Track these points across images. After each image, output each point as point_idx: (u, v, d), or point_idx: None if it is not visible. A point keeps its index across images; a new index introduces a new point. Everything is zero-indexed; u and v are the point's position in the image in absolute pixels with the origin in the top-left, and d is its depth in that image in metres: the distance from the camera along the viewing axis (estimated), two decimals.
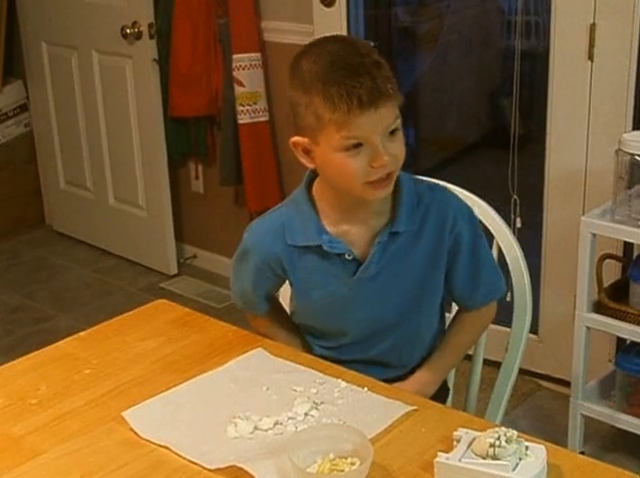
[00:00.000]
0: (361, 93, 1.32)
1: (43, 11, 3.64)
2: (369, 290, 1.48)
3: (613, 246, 2.34)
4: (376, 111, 1.32)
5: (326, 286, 1.49)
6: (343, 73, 1.34)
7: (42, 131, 3.90)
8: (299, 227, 1.47)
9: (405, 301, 1.50)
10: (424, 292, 1.51)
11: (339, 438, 1.19)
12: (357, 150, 1.35)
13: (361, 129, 1.33)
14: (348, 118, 1.32)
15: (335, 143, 1.35)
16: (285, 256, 1.48)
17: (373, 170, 1.36)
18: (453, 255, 1.49)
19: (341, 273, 1.47)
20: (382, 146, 1.35)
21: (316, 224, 1.45)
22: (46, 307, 3.35)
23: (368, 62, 1.35)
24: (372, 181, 1.37)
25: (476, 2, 4.32)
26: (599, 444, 2.40)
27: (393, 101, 1.35)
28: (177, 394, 1.38)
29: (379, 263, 1.46)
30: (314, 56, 1.38)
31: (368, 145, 1.35)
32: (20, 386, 1.44)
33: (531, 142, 3.05)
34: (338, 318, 1.53)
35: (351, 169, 1.36)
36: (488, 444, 1.12)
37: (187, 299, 3.24)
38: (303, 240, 1.46)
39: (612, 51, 2.34)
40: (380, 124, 1.34)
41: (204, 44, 3.14)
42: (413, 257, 1.47)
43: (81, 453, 1.26)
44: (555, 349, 2.64)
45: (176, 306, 1.70)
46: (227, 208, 3.41)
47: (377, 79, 1.34)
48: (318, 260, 1.47)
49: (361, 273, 1.46)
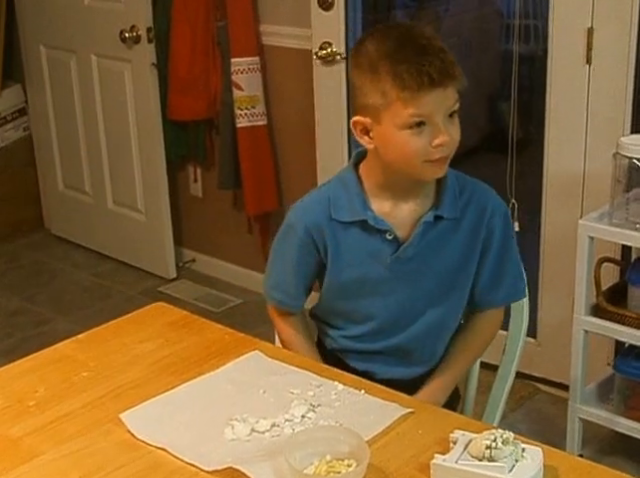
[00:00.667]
0: (431, 71, 1.37)
1: (42, 15, 3.65)
2: (403, 272, 1.50)
3: (611, 249, 2.34)
4: (444, 90, 1.38)
5: (363, 264, 1.51)
6: (412, 52, 1.39)
7: (41, 135, 3.91)
8: (345, 203, 1.50)
9: (436, 288, 1.53)
10: (456, 281, 1.53)
11: (336, 440, 1.19)
12: (420, 129, 1.39)
13: (427, 107, 1.38)
14: (417, 95, 1.37)
15: (400, 120, 1.39)
16: (328, 230, 1.51)
17: (433, 149, 1.40)
18: (484, 249, 1.52)
19: (380, 252, 1.50)
20: (444, 126, 1.40)
21: (362, 200, 1.49)
22: (45, 310, 3.35)
23: (435, 44, 1.41)
24: (431, 160, 1.41)
25: (474, 6, 4.33)
26: (597, 448, 2.40)
27: (458, 84, 1.41)
28: (174, 396, 1.38)
29: (418, 245, 1.49)
30: (381, 37, 1.43)
31: (430, 124, 1.39)
32: (18, 388, 1.44)
33: (529, 146, 3.05)
34: (368, 301, 1.54)
35: (413, 147, 1.40)
36: (484, 446, 1.13)
37: (186, 303, 3.24)
38: (348, 215, 1.50)
39: (610, 55, 2.34)
40: (444, 104, 1.39)
41: (203, 48, 3.14)
42: (451, 244, 1.50)
43: (79, 455, 1.26)
44: (553, 353, 2.64)
45: (174, 309, 1.70)
46: (226, 212, 3.41)
47: (445, 60, 1.40)
48: (360, 237, 1.50)
49: (401, 253, 1.49)
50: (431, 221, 1.48)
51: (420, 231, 1.48)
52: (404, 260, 1.49)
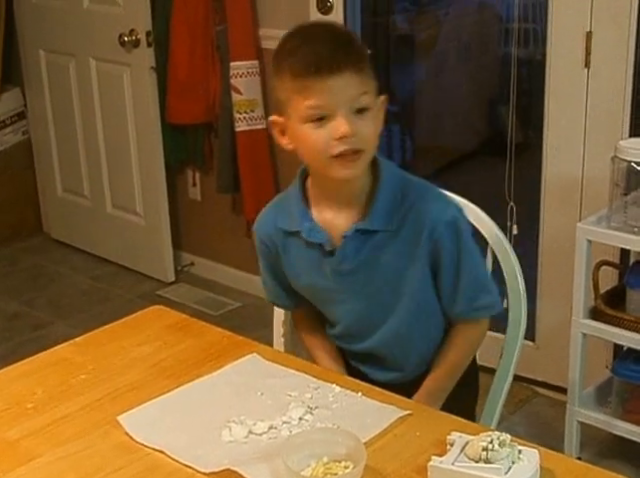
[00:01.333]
0: (320, 59, 1.32)
1: (41, 19, 3.65)
2: (348, 284, 1.47)
3: (609, 253, 2.34)
4: (336, 79, 1.32)
5: (310, 275, 1.50)
6: (306, 42, 1.36)
7: (40, 138, 3.91)
8: (287, 212, 1.49)
9: (387, 298, 1.49)
10: (402, 292, 1.48)
11: (333, 442, 1.19)
12: (322, 122, 1.34)
13: (323, 97, 1.32)
14: (310, 84, 1.32)
15: (300, 114, 1.35)
16: (277, 238, 1.50)
17: (336, 142, 1.34)
18: (435, 262, 1.46)
19: (321, 264, 1.47)
20: (346, 119, 1.33)
21: (302, 210, 1.46)
22: (43, 314, 3.35)
23: (333, 33, 1.38)
24: (337, 156, 1.35)
25: (474, 10, 4.34)
26: (596, 451, 2.40)
27: (359, 76, 1.34)
28: (172, 398, 1.38)
29: (355, 258, 1.44)
30: (287, 34, 1.41)
31: (332, 117, 1.33)
32: (16, 390, 1.44)
33: (528, 149, 3.06)
34: (326, 308, 1.55)
35: (315, 140, 1.35)
36: (481, 448, 1.13)
37: (184, 306, 3.24)
38: (287, 225, 1.48)
39: (608, 59, 2.35)
40: (341, 94, 1.33)
41: (202, 52, 3.15)
42: (387, 256, 1.44)
43: (76, 457, 1.26)
44: (552, 356, 2.64)
45: (172, 312, 1.70)
46: (224, 215, 3.41)
47: (341, 49, 1.34)
48: (302, 248, 1.47)
49: (336, 266, 1.45)
50: (351, 236, 1.42)
51: (344, 245, 1.43)
52: (345, 273, 1.46)
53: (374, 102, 1.38)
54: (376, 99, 1.40)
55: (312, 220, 1.45)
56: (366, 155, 1.38)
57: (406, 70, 4.29)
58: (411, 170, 1.60)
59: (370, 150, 1.39)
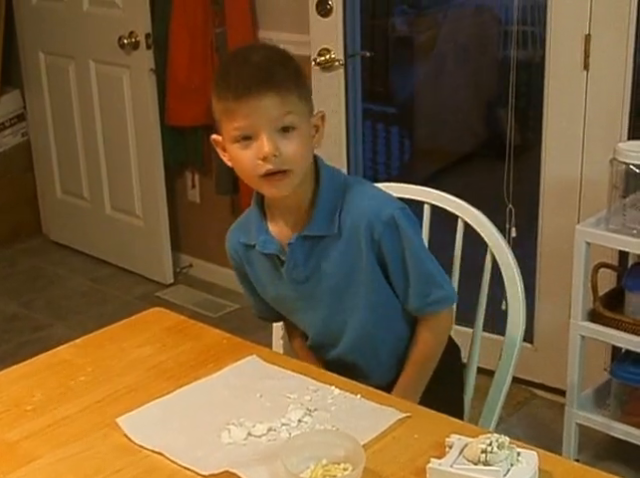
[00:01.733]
0: (240, 83, 1.36)
1: (41, 21, 3.66)
2: (306, 291, 1.51)
3: (608, 255, 2.35)
4: (256, 101, 1.35)
5: (273, 286, 1.55)
6: (232, 66, 1.40)
7: (39, 141, 3.91)
8: (248, 227, 1.54)
9: (343, 303, 1.51)
10: (357, 295, 1.50)
11: (332, 444, 1.19)
12: (247, 142, 1.38)
13: (245, 119, 1.36)
14: (233, 106, 1.36)
15: (228, 134, 1.40)
16: (242, 252, 1.56)
17: (261, 162, 1.37)
18: (383, 260, 1.48)
19: (279, 274, 1.51)
20: (269, 139, 1.36)
21: (259, 224, 1.51)
22: (42, 316, 3.35)
23: (272, 59, 1.40)
24: (264, 175, 1.39)
25: (472, 12, 4.34)
26: (594, 453, 2.40)
27: (281, 97, 1.37)
28: (171, 400, 1.38)
29: (305, 265, 1.49)
30: (224, 59, 1.46)
31: (256, 138, 1.37)
32: (15, 392, 1.44)
33: (526, 151, 3.06)
34: (294, 317, 1.59)
35: (242, 161, 1.39)
36: (480, 450, 1.13)
37: (183, 308, 3.24)
38: (247, 239, 1.53)
39: (607, 61, 2.35)
40: (262, 115, 1.36)
41: (201, 54, 3.15)
42: (334, 260, 1.48)
43: (76, 459, 1.26)
44: (550, 358, 2.64)
45: (171, 314, 1.70)
46: (223, 217, 3.41)
47: (269, 70, 1.38)
48: (262, 260, 1.53)
49: (289, 274, 1.50)
50: (294, 242, 1.46)
51: (291, 253, 1.47)
52: (301, 281, 1.50)
53: (302, 121, 1.40)
54: (309, 118, 1.43)
55: (267, 232, 1.50)
56: (293, 174, 1.41)
57: (405, 72, 4.30)
58: (410, 173, 1.61)
59: (297, 169, 1.41)
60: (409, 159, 4.16)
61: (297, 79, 1.42)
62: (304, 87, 1.43)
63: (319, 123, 1.46)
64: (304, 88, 1.43)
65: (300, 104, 1.40)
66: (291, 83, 1.39)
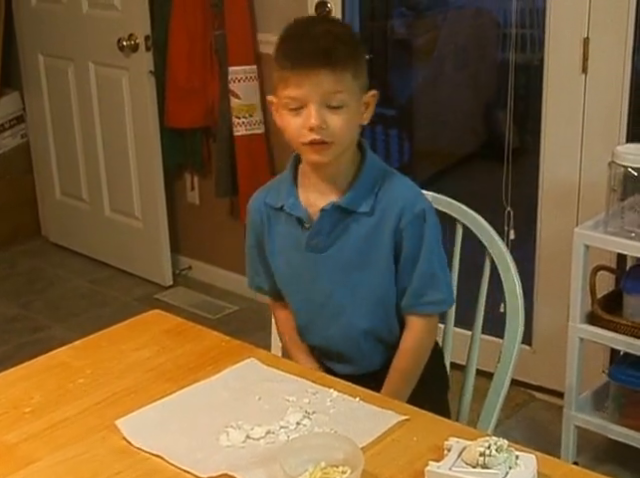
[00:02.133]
0: (300, 55, 1.42)
1: (40, 23, 3.66)
2: (322, 262, 1.53)
3: (606, 258, 2.35)
4: (311, 76, 1.41)
5: (287, 251, 1.57)
6: (298, 36, 1.46)
7: (38, 142, 3.91)
8: (277, 190, 1.57)
9: (348, 281, 1.53)
10: (363, 275, 1.53)
11: (330, 447, 1.19)
12: (297, 111, 1.44)
13: (298, 90, 1.42)
14: (289, 75, 1.43)
15: (282, 100, 1.46)
16: (265, 214, 1.59)
17: (306, 132, 1.44)
18: (397, 251, 1.52)
19: (299, 240, 1.54)
20: (316, 112, 1.42)
21: (289, 188, 1.55)
22: (42, 317, 3.35)
23: (334, 34, 1.44)
24: (306, 143, 1.45)
25: (471, 15, 4.35)
26: (592, 455, 2.40)
27: (335, 75, 1.42)
28: (170, 403, 1.38)
29: (328, 235, 1.52)
30: (287, 26, 1.50)
31: (306, 108, 1.43)
32: (14, 395, 1.44)
33: (525, 154, 3.07)
34: (292, 291, 1.60)
35: (289, 127, 1.46)
36: (478, 453, 1.13)
37: (182, 310, 3.24)
38: (275, 201, 1.57)
39: (605, 65, 2.36)
40: (316, 90, 1.42)
41: (200, 56, 3.16)
42: (357, 237, 1.52)
43: (74, 461, 1.26)
44: (549, 360, 2.64)
45: (170, 316, 1.70)
46: (222, 219, 3.42)
47: (329, 46, 1.42)
48: (284, 224, 1.56)
49: (309, 240, 1.52)
50: (329, 210, 1.50)
51: (320, 218, 1.51)
52: (317, 251, 1.53)
53: (353, 99, 1.45)
54: (361, 96, 1.48)
55: (296, 198, 1.54)
56: (335, 146, 1.46)
57: (404, 74, 4.30)
58: (409, 175, 1.63)
59: (340, 142, 1.46)
60: (408, 161, 4.16)
61: (355, 57, 1.46)
62: (360, 65, 1.48)
63: (370, 101, 1.51)
64: (360, 66, 1.47)
65: (353, 83, 1.45)
66: (348, 61, 1.44)
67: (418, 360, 1.59)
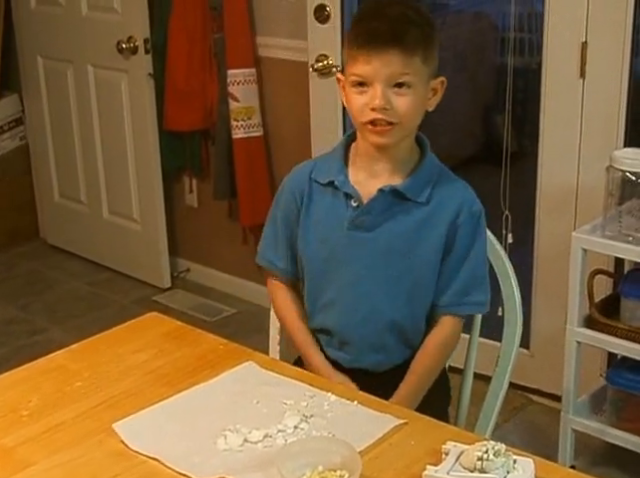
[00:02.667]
0: (370, 35, 1.42)
1: (39, 25, 3.66)
2: (361, 243, 1.51)
3: (604, 262, 2.35)
4: (385, 55, 1.42)
5: (327, 230, 1.55)
6: (372, 15, 1.47)
7: (37, 144, 3.91)
8: (326, 166, 1.56)
9: (386, 268, 1.52)
10: (404, 265, 1.51)
11: (328, 451, 1.19)
12: (363, 89, 1.45)
13: (365, 68, 1.43)
14: (358, 54, 1.44)
15: (349, 77, 1.47)
16: (307, 189, 1.57)
17: (369, 111, 1.44)
18: (447, 247, 1.51)
19: (343, 217, 1.52)
20: (382, 92, 1.43)
21: (340, 165, 1.54)
22: (39, 319, 3.35)
23: (408, 17, 1.46)
24: (369, 122, 1.45)
25: (470, 19, 4.35)
26: (589, 459, 2.40)
27: (404, 57, 1.43)
28: (168, 406, 1.38)
29: (378, 215, 1.51)
30: (364, 4, 1.54)
31: (371, 87, 1.44)
32: (12, 398, 1.44)
33: (523, 158, 3.07)
34: (323, 270, 1.56)
35: (353, 104, 1.46)
36: (476, 457, 1.13)
37: (180, 312, 3.24)
38: (323, 176, 1.55)
39: (603, 69, 2.36)
40: (384, 69, 1.42)
41: (199, 59, 3.16)
42: (407, 226, 1.51)
43: (72, 464, 1.26)
44: (546, 364, 2.64)
45: (168, 319, 1.70)
46: (221, 222, 3.42)
47: (401, 28, 1.43)
48: (330, 199, 1.54)
49: (354, 218, 1.51)
50: (386, 191, 1.49)
51: (375, 198, 1.50)
52: (362, 230, 1.52)
53: (419, 82, 1.46)
54: (429, 81, 1.49)
55: (346, 176, 1.53)
56: (399, 128, 1.46)
57: None
58: None
59: (404, 124, 1.47)
60: None
61: (426, 42, 1.47)
62: (431, 50, 1.48)
63: (438, 87, 1.52)
64: (431, 51, 1.48)
65: (422, 67, 1.46)
66: (418, 45, 1.44)
67: (442, 360, 1.59)
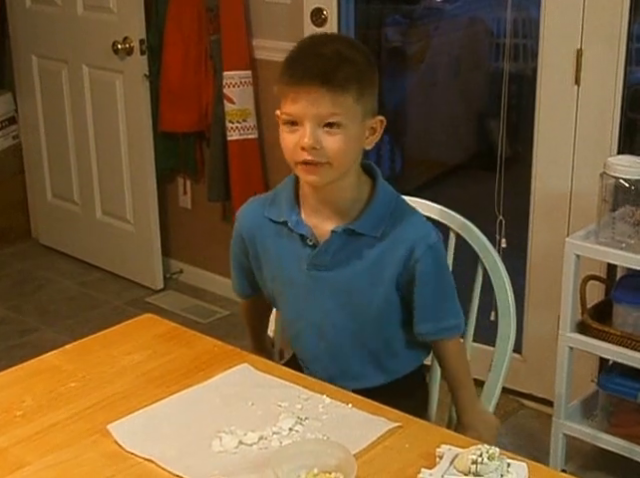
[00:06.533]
0: (303, 71, 1.40)
1: (34, 24, 3.65)
2: (323, 281, 1.52)
3: (597, 267, 2.36)
4: (314, 94, 1.39)
5: (287, 269, 1.55)
6: (304, 53, 1.45)
7: (30, 144, 3.91)
8: (277, 204, 1.55)
9: (347, 303, 1.53)
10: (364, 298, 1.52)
11: (323, 453, 1.19)
12: (294, 128, 1.43)
13: (295, 106, 1.41)
14: (288, 91, 1.42)
15: (282, 116, 1.45)
16: (262, 227, 1.56)
17: (300, 151, 1.42)
18: (408, 282, 1.51)
19: (301, 256, 1.52)
20: (310, 131, 1.40)
21: (291, 205, 1.53)
22: (31, 320, 3.34)
23: (342, 55, 1.42)
24: (301, 162, 1.43)
25: (465, 24, 4.37)
26: (581, 463, 2.41)
27: (333, 96, 1.39)
28: (162, 408, 1.38)
29: (335, 255, 1.50)
30: (298, 42, 1.50)
31: (301, 126, 1.41)
32: (5, 398, 1.44)
33: (517, 164, 3.08)
34: (289, 307, 1.60)
35: (285, 143, 1.45)
36: (470, 461, 1.14)
37: (172, 314, 3.24)
38: (276, 215, 1.54)
39: (598, 76, 2.37)
40: (311, 109, 1.40)
41: (195, 60, 3.16)
42: (364, 262, 1.50)
43: (65, 465, 1.26)
44: (538, 369, 2.65)
45: (162, 321, 1.70)
46: (214, 224, 3.42)
47: (332, 67, 1.39)
48: (285, 240, 1.54)
49: (313, 259, 1.51)
50: (340, 231, 1.48)
51: (330, 239, 1.49)
52: (321, 267, 1.51)
53: (352, 122, 1.42)
54: (365, 120, 1.45)
55: (299, 215, 1.52)
56: (330, 168, 1.43)
57: (397, 82, 4.32)
58: (400, 182, 1.64)
59: (336, 164, 1.43)
60: (400, 169, 4.16)
61: (360, 80, 1.42)
62: (366, 88, 1.44)
63: (377, 126, 1.48)
64: (366, 89, 1.44)
65: (354, 106, 1.41)
66: (350, 83, 1.40)
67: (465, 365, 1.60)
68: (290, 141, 1.43)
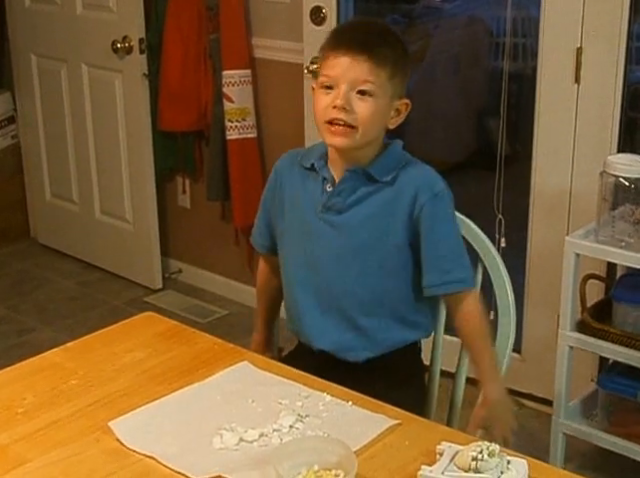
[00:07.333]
0: (346, 40, 1.52)
1: (33, 23, 3.65)
2: (336, 224, 1.57)
3: (597, 266, 2.36)
4: (352, 61, 1.50)
5: (302, 209, 1.61)
6: (348, 28, 1.63)
7: (29, 143, 3.90)
8: (311, 153, 1.64)
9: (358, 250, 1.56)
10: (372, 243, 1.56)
11: (324, 450, 1.20)
12: (328, 90, 1.52)
13: (332, 70, 1.51)
14: (328, 56, 1.53)
15: (319, 80, 1.54)
16: (291, 174, 1.65)
17: (330, 109, 1.51)
18: (417, 228, 1.55)
19: (318, 200, 1.59)
20: (344, 93, 1.50)
21: (322, 152, 1.61)
22: (29, 319, 3.34)
23: (384, 37, 1.55)
24: (328, 122, 1.51)
25: (464, 23, 4.36)
26: (580, 463, 2.41)
27: (370, 65, 1.50)
28: (163, 405, 1.39)
29: (347, 197, 1.56)
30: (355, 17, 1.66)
31: (336, 88, 1.51)
32: (6, 395, 1.44)
33: (517, 162, 3.08)
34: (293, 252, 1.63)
35: (318, 104, 1.53)
36: (470, 457, 1.14)
37: (171, 314, 3.23)
38: (306, 161, 1.63)
39: (598, 74, 2.37)
40: (349, 74, 1.50)
41: (194, 60, 3.16)
42: (374, 206, 1.56)
43: (67, 462, 1.26)
44: (538, 368, 2.65)
45: (163, 319, 1.71)
46: (213, 223, 3.42)
47: (374, 40, 1.52)
48: (309, 183, 1.62)
49: (327, 200, 1.57)
50: (352, 171, 1.55)
51: (343, 179, 1.56)
52: (336, 209, 1.57)
53: (382, 95, 1.52)
54: (393, 99, 1.55)
55: (326, 163, 1.61)
56: (357, 133, 1.52)
57: None
58: None
59: (363, 130, 1.52)
60: None
61: (396, 62, 1.54)
62: (399, 72, 1.55)
63: (402, 108, 1.58)
64: (399, 72, 1.55)
65: (387, 82, 1.52)
66: (387, 61, 1.51)
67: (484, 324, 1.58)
68: (323, 101, 1.51)
